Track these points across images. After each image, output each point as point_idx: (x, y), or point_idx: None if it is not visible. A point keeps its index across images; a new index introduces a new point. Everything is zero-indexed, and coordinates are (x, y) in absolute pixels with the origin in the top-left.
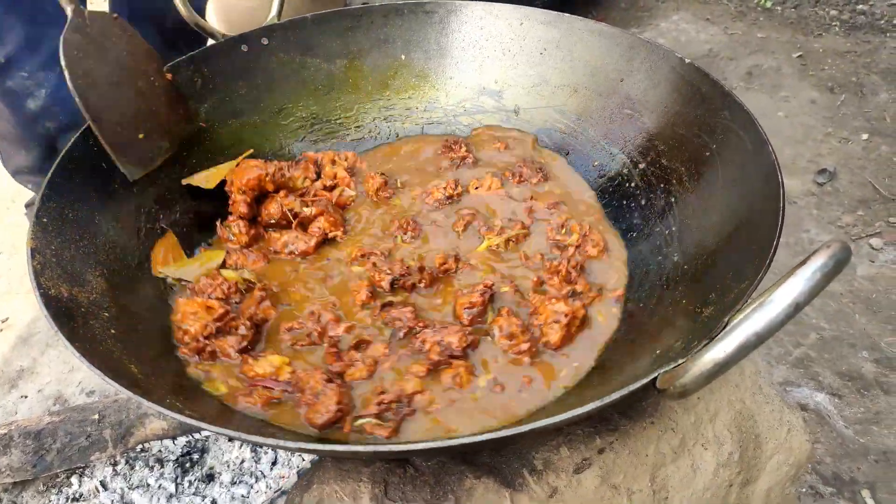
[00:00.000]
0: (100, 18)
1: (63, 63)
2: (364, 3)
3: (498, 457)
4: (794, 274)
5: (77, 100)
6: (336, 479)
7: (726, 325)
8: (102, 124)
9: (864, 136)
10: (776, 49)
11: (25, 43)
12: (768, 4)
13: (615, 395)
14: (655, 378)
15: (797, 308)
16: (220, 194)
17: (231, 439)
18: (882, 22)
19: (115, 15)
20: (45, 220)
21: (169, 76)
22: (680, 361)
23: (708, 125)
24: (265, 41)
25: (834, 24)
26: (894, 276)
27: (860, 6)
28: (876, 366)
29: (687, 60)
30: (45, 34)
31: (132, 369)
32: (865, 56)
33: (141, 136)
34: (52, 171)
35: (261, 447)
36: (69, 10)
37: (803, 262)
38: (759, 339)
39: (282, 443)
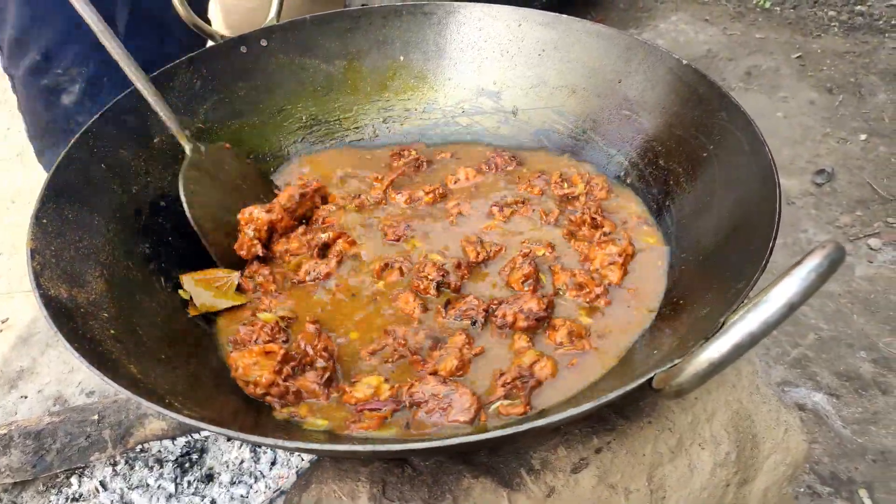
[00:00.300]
0: (215, 151)
1: (182, 196)
2: (364, 5)
3: (496, 456)
4: (788, 274)
5: (195, 228)
6: (334, 479)
7: (722, 325)
8: (212, 241)
9: (863, 137)
10: (775, 50)
11: (61, 40)
12: (767, 5)
13: (611, 396)
14: (652, 378)
15: (792, 308)
16: None
17: (230, 439)
18: (881, 22)
19: (227, 145)
20: (44, 220)
21: (277, 192)
22: (676, 361)
23: (705, 126)
24: (264, 42)
25: (832, 24)
26: (892, 277)
27: (859, 7)
28: (874, 366)
29: (684, 62)
30: (79, 29)
31: (131, 369)
32: (864, 56)
33: None
34: (51, 173)
35: (260, 447)
36: (188, 150)
37: (798, 263)
38: (753, 340)
39: (280, 442)
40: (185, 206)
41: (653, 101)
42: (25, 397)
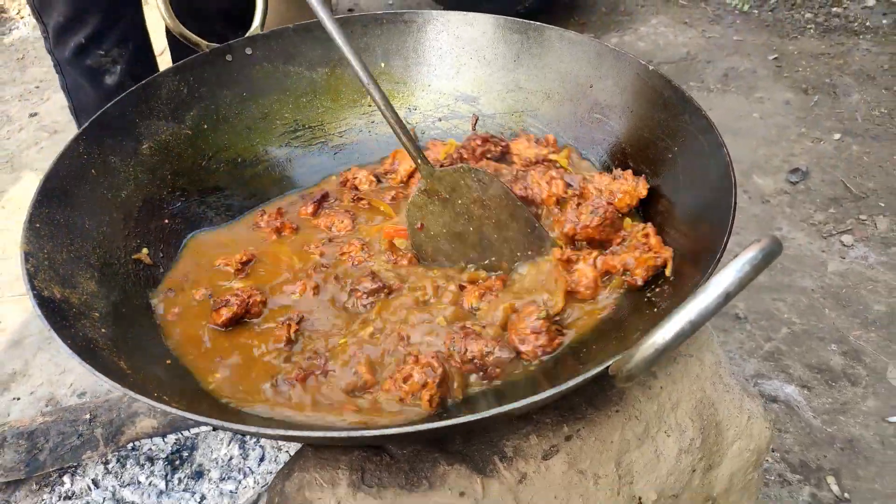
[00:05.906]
0: (451, 175)
1: (407, 220)
2: (350, 10)
3: (469, 445)
4: (726, 266)
5: (412, 248)
6: (315, 467)
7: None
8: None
9: (837, 136)
10: (752, 51)
11: (104, 23)
12: (745, 8)
13: (571, 383)
14: (609, 366)
15: (728, 297)
16: (209, 190)
17: (215, 428)
18: (855, 24)
19: (468, 167)
20: (37, 224)
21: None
22: (629, 350)
23: (670, 129)
24: (249, 51)
25: (809, 26)
26: (863, 272)
27: (834, 9)
28: (844, 358)
29: (651, 67)
30: (121, 13)
31: (121, 365)
32: (839, 58)
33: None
34: (43, 178)
35: (247, 442)
36: (423, 175)
37: (735, 256)
38: (693, 326)
39: (262, 430)
40: (407, 226)
41: (622, 105)
42: (18, 399)
